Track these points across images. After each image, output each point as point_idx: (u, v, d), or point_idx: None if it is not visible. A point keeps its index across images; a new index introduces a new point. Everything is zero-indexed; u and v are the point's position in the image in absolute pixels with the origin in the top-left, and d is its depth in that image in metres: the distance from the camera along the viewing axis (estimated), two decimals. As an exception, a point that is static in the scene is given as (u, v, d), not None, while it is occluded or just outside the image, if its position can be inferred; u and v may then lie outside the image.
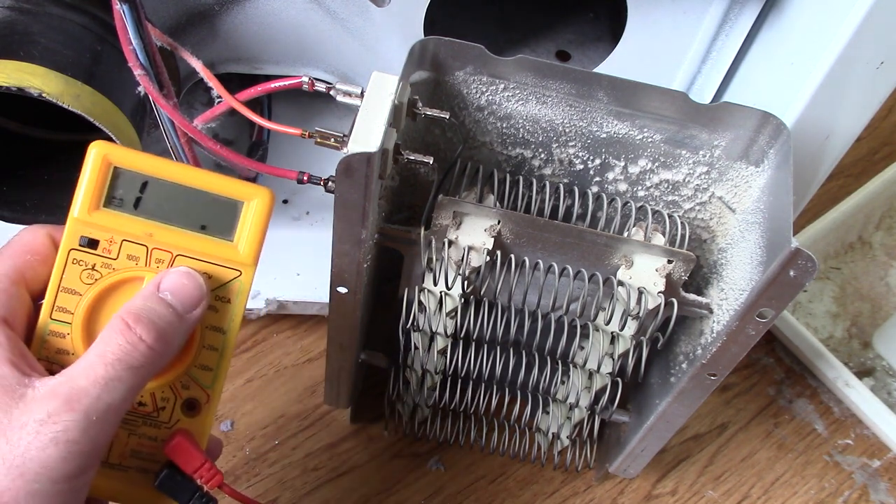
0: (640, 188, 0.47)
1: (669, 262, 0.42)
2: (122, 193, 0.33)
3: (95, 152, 0.33)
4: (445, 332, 0.47)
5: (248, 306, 0.56)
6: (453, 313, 0.45)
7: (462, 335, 0.47)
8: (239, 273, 0.35)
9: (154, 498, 0.35)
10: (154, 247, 0.34)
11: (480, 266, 0.43)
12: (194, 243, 0.34)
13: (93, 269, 0.33)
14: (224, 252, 0.34)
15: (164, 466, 0.34)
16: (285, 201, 0.63)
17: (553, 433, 0.55)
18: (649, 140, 0.44)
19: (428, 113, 0.41)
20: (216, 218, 0.34)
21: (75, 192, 0.33)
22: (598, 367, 0.47)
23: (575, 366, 0.49)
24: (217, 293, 0.34)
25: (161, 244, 0.34)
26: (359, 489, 0.56)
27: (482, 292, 0.45)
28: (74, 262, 0.33)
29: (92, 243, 0.33)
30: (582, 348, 0.48)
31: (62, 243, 0.33)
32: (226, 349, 0.35)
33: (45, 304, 0.33)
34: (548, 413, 0.55)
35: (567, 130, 0.45)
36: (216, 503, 0.35)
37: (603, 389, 0.48)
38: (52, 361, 0.33)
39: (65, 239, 0.33)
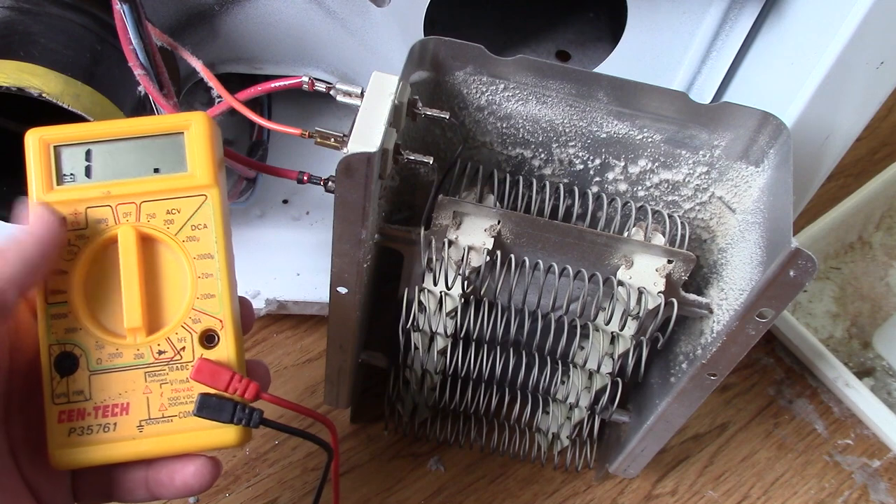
0: (640, 188, 0.47)
1: (669, 262, 0.42)
2: (71, 167, 0.34)
3: (31, 139, 0.34)
4: (445, 332, 0.47)
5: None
6: (453, 313, 0.45)
7: (462, 335, 0.47)
8: (204, 196, 0.35)
9: (206, 437, 0.35)
10: (117, 203, 0.34)
11: (480, 266, 0.43)
12: (152, 186, 0.35)
13: (69, 244, 0.34)
14: (183, 183, 0.35)
15: (197, 396, 0.34)
16: (285, 201, 0.63)
17: (553, 433, 0.55)
18: (649, 140, 0.44)
19: (428, 113, 0.41)
20: (164, 157, 0.35)
21: (28, 184, 0.34)
22: (598, 367, 0.46)
23: (575, 366, 0.49)
24: (191, 223, 0.35)
25: (122, 198, 0.34)
26: (359, 489, 0.56)
27: (482, 292, 0.45)
28: None
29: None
30: (582, 348, 0.48)
31: None
32: (221, 272, 0.35)
33: (38, 293, 0.34)
34: (548, 413, 0.55)
35: (567, 130, 0.45)
36: (261, 412, 0.35)
37: (603, 389, 0.48)
38: (65, 342, 0.34)
39: None
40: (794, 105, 0.44)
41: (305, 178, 0.42)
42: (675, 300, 0.42)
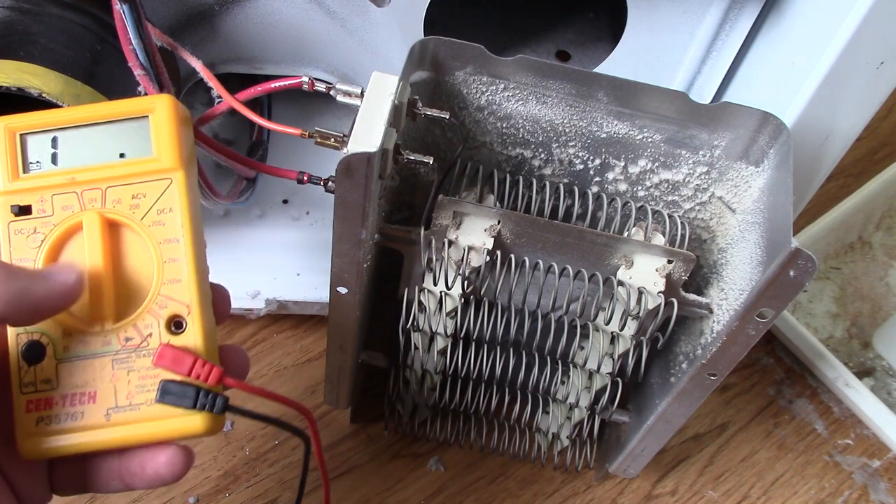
0: (640, 188, 0.47)
1: (669, 262, 0.42)
2: (38, 155, 0.34)
3: None
4: (445, 332, 0.47)
5: (247, 306, 0.57)
6: (453, 313, 0.45)
7: (462, 335, 0.47)
8: (170, 180, 0.34)
9: (175, 426, 0.34)
10: (83, 189, 0.34)
11: (480, 266, 0.43)
12: (118, 171, 0.34)
13: (34, 232, 0.34)
14: (148, 167, 0.34)
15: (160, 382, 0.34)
16: (285, 201, 0.63)
17: (553, 433, 0.55)
18: (649, 140, 0.44)
19: (428, 113, 0.41)
20: (130, 141, 0.35)
21: None
22: (598, 367, 0.46)
23: (575, 366, 0.49)
24: (156, 207, 0.34)
25: (87, 184, 0.34)
26: (359, 489, 0.56)
27: (482, 292, 0.45)
28: (17, 232, 0.34)
29: (24, 210, 0.34)
30: (582, 348, 0.48)
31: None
32: (187, 256, 0.34)
33: None
34: (548, 413, 0.55)
35: (567, 130, 0.45)
36: (226, 398, 0.34)
37: (603, 389, 0.48)
38: (32, 331, 0.34)
39: None
40: (794, 105, 0.44)
41: (305, 178, 0.42)
42: (675, 300, 0.42)
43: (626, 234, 0.45)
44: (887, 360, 0.67)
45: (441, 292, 0.45)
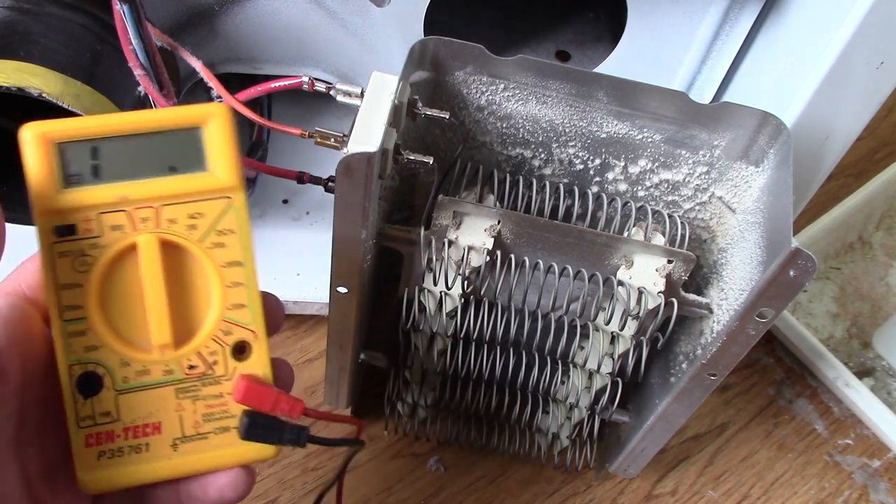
0: (640, 188, 0.47)
1: (669, 262, 0.42)
2: (77, 168, 0.31)
3: (29, 136, 0.30)
4: (445, 332, 0.47)
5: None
6: (453, 313, 0.45)
7: (462, 335, 0.47)
8: (229, 199, 0.32)
9: (244, 452, 0.33)
10: (133, 207, 0.31)
11: (480, 266, 0.43)
12: (171, 188, 0.31)
13: (82, 255, 0.31)
14: (204, 184, 0.32)
15: (243, 416, 0.33)
16: (285, 201, 0.63)
17: (553, 433, 0.55)
18: (649, 140, 0.44)
19: (428, 113, 0.41)
20: (181, 154, 0.32)
21: (28, 187, 0.30)
22: (598, 367, 0.46)
23: (575, 366, 0.49)
24: (216, 228, 0.32)
25: (139, 202, 0.31)
26: (359, 489, 0.56)
27: (482, 292, 0.45)
28: (61, 255, 0.31)
29: (69, 230, 0.31)
30: (582, 348, 0.48)
31: (40, 243, 0.31)
32: (251, 280, 0.33)
33: (51, 309, 0.31)
34: (548, 413, 0.55)
35: (567, 130, 0.45)
36: (307, 430, 0.33)
37: (603, 389, 0.48)
38: (86, 361, 0.31)
39: (39, 237, 0.31)
40: (794, 105, 0.44)
41: (305, 178, 0.42)
42: (675, 300, 0.42)
43: (626, 234, 0.45)
44: (887, 360, 0.67)
45: (441, 292, 0.45)
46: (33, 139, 0.30)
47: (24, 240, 0.34)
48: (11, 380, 0.29)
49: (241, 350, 0.33)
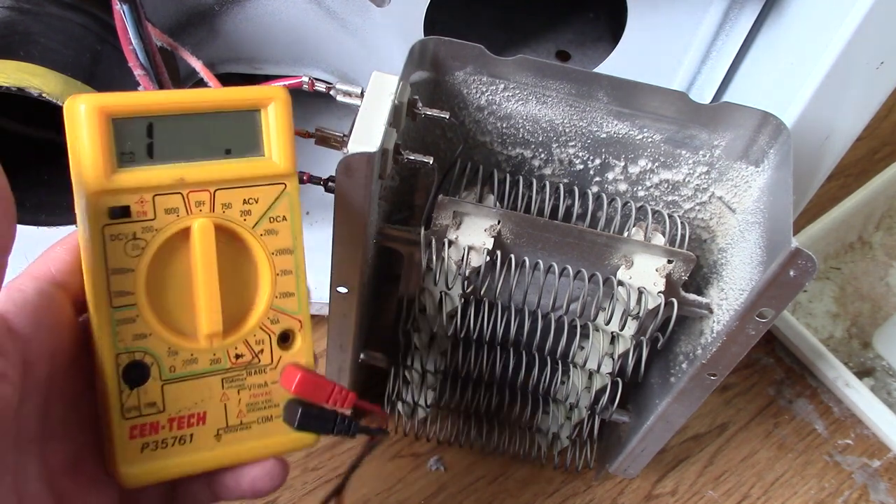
0: (640, 188, 0.47)
1: (669, 262, 0.42)
2: (131, 146, 0.29)
3: (85, 108, 0.28)
4: (445, 332, 0.47)
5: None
6: (453, 313, 0.45)
7: (462, 335, 0.47)
8: (284, 185, 0.31)
9: (286, 442, 0.33)
10: (189, 191, 0.30)
11: (480, 266, 0.43)
12: (227, 171, 0.30)
13: (134, 238, 0.29)
14: (261, 169, 0.31)
15: (295, 406, 0.32)
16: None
17: (553, 433, 0.55)
18: (649, 140, 0.44)
19: (428, 113, 0.41)
20: (238, 137, 0.30)
21: (74, 166, 0.29)
22: (598, 367, 0.46)
23: (575, 366, 0.49)
24: (270, 214, 0.31)
25: (195, 184, 0.30)
26: (359, 489, 0.56)
27: (482, 292, 0.45)
28: (112, 238, 0.29)
29: (123, 211, 0.29)
30: (582, 348, 0.48)
31: (89, 225, 0.29)
32: (299, 269, 0.32)
33: (97, 296, 0.29)
34: (548, 413, 0.55)
35: (567, 130, 0.45)
36: (357, 422, 0.34)
37: (603, 389, 0.48)
38: (134, 350, 0.30)
39: (89, 219, 0.29)
40: (794, 105, 0.44)
41: (305, 178, 0.42)
42: (675, 300, 0.42)
43: (626, 234, 0.45)
44: (887, 360, 0.67)
45: (441, 292, 0.45)
46: (87, 113, 0.28)
47: (23, 240, 0.34)
48: (39, 373, 0.28)
49: (286, 339, 0.33)
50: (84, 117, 0.28)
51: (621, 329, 0.44)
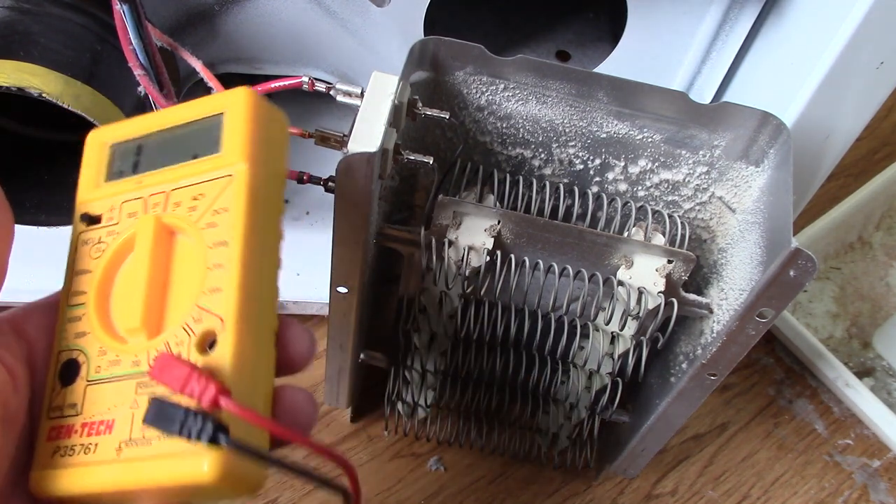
0: (640, 188, 0.47)
1: (669, 262, 0.42)
2: (120, 165, 0.32)
3: (91, 139, 0.32)
4: (445, 332, 0.47)
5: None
6: (453, 313, 0.45)
7: (462, 335, 0.47)
8: (229, 175, 0.30)
9: (179, 462, 0.26)
10: (149, 194, 0.31)
11: (480, 266, 0.43)
12: (184, 172, 0.31)
13: (99, 242, 0.30)
14: (212, 165, 0.30)
15: (155, 400, 0.26)
16: (285, 201, 0.63)
17: (553, 433, 0.55)
18: (649, 140, 0.44)
19: (428, 113, 0.41)
20: (204, 141, 0.31)
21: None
22: (598, 367, 0.46)
23: (575, 366, 0.49)
24: (214, 207, 0.29)
25: (153, 187, 0.31)
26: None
27: (482, 292, 0.45)
28: (84, 243, 0.31)
29: (93, 219, 0.31)
30: (582, 348, 0.48)
31: (72, 235, 0.31)
32: (234, 261, 0.28)
33: (62, 294, 0.30)
34: (548, 413, 0.55)
35: (567, 130, 0.45)
36: (223, 427, 0.25)
37: (603, 389, 0.48)
38: (72, 348, 0.29)
39: (73, 229, 0.31)
40: (794, 105, 0.44)
41: (305, 178, 0.42)
42: (675, 300, 0.42)
43: (626, 234, 0.45)
44: (887, 360, 0.67)
45: (441, 292, 0.45)
46: (92, 142, 0.32)
47: (23, 240, 0.34)
48: (42, 375, 0.29)
49: (207, 340, 0.28)
50: (89, 146, 0.32)
51: (621, 329, 0.44)
